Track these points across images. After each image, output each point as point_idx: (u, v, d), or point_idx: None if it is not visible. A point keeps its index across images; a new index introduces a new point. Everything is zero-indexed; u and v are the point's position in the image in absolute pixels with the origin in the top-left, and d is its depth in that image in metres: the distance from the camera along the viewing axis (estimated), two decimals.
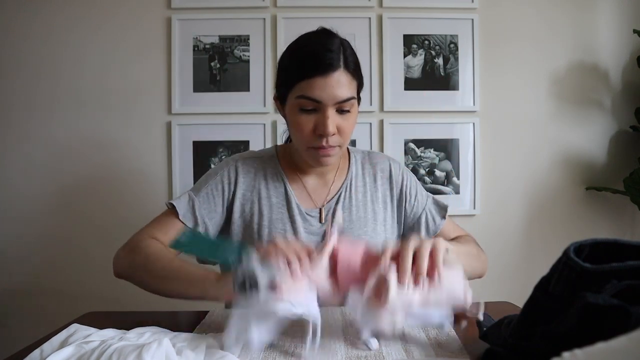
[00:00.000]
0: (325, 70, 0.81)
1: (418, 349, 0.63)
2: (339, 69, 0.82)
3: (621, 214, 1.76)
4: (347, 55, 0.84)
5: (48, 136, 1.64)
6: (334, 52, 0.83)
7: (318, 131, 0.84)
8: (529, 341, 0.50)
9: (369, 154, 1.06)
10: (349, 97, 0.84)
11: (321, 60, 0.82)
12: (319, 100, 0.82)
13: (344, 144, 0.89)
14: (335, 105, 0.84)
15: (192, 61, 1.66)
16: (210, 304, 0.90)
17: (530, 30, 1.73)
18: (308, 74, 0.82)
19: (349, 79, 0.84)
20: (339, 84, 0.82)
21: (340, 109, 0.85)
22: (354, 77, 0.86)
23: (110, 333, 0.60)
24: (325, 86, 0.82)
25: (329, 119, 0.83)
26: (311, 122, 0.85)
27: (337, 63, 0.82)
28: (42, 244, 1.65)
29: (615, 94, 1.76)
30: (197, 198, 0.93)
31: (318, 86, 0.82)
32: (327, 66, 0.82)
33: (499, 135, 1.73)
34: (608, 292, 0.42)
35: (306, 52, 0.85)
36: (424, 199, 1.03)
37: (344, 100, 0.83)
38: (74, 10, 1.64)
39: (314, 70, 0.82)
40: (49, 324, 1.02)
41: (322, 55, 0.82)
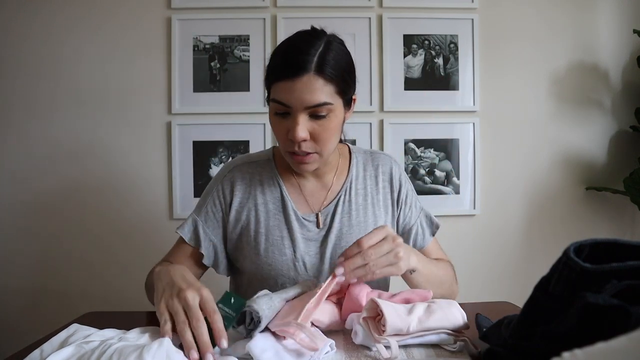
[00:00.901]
0: (292, 73, 0.77)
1: (418, 349, 0.63)
2: (308, 72, 0.77)
3: (621, 214, 1.76)
4: (324, 59, 0.79)
5: (48, 136, 1.64)
6: (307, 54, 0.78)
7: (289, 136, 0.81)
8: (529, 341, 0.50)
9: (371, 153, 1.02)
10: (322, 102, 0.78)
11: (289, 63, 0.78)
12: (288, 104, 0.79)
13: (322, 151, 0.84)
14: (306, 110, 0.79)
15: (192, 61, 1.66)
16: None
17: (530, 30, 1.73)
18: (278, 76, 0.80)
19: (321, 83, 0.78)
20: (307, 88, 0.78)
21: (314, 113, 0.80)
22: (329, 82, 0.79)
23: (110, 333, 0.60)
24: (293, 90, 0.78)
25: (299, 125, 0.79)
26: (284, 127, 0.82)
27: (308, 66, 0.77)
28: (42, 244, 1.65)
29: (615, 94, 1.76)
30: (199, 218, 0.95)
31: (286, 90, 0.78)
32: (295, 70, 0.77)
33: (499, 135, 1.73)
34: (608, 292, 0.42)
35: (280, 53, 0.82)
36: (417, 210, 1.02)
37: (315, 105, 0.78)
38: (74, 10, 1.64)
39: (282, 73, 0.79)
40: (49, 324, 1.02)
41: (291, 58, 0.79)
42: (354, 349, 0.63)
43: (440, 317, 0.63)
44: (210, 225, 0.94)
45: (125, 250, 1.65)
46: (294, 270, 0.92)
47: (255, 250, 0.93)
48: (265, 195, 0.95)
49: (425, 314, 0.63)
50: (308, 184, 0.96)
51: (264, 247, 0.93)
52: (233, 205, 0.94)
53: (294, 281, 0.92)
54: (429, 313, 0.63)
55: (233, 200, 0.94)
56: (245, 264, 0.95)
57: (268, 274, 0.93)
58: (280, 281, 0.93)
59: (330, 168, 0.96)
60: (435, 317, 0.63)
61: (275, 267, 0.92)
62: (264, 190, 0.95)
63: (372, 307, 0.64)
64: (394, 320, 0.60)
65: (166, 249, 0.98)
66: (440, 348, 0.63)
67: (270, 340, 0.60)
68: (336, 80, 0.80)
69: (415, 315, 0.62)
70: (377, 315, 0.64)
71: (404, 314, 0.62)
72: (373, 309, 0.64)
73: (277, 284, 0.93)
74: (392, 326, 0.60)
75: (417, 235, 1.00)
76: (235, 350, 0.59)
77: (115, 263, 1.65)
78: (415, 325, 0.61)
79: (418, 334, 0.62)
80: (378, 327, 0.62)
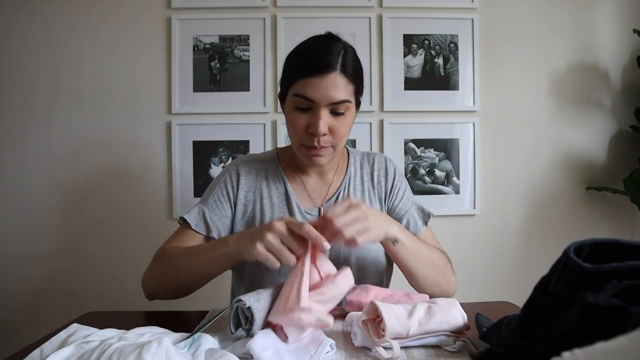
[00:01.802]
0: (321, 71, 0.84)
1: (418, 350, 0.63)
2: (334, 71, 0.84)
3: (621, 214, 1.76)
4: (346, 60, 0.86)
5: (48, 136, 1.64)
6: (332, 55, 0.85)
7: (310, 130, 0.86)
8: (529, 341, 0.50)
9: (367, 154, 1.08)
10: (343, 100, 0.86)
11: (318, 62, 0.85)
12: (313, 99, 0.85)
13: (337, 145, 0.90)
14: (329, 106, 0.86)
15: (192, 61, 1.66)
16: (210, 304, 0.90)
17: (530, 30, 1.73)
18: (305, 73, 0.85)
19: (344, 82, 0.86)
20: (333, 85, 0.84)
21: (334, 110, 0.86)
22: (350, 81, 0.87)
23: (110, 333, 0.60)
24: (320, 86, 0.84)
25: (321, 119, 0.85)
26: (305, 121, 0.87)
27: (334, 66, 0.84)
28: (42, 244, 1.65)
29: (615, 94, 1.76)
30: (206, 207, 0.96)
31: (313, 86, 0.84)
32: (324, 68, 0.84)
33: (499, 135, 1.73)
34: (608, 292, 0.42)
35: (307, 53, 0.88)
36: (409, 202, 1.05)
37: (338, 102, 0.85)
38: (74, 10, 1.64)
39: (310, 71, 0.84)
40: (49, 324, 1.02)
41: (320, 57, 0.85)
42: (354, 349, 0.63)
43: (440, 319, 0.63)
44: (217, 214, 0.96)
45: (125, 250, 1.65)
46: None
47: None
48: (270, 190, 0.99)
49: (426, 316, 0.63)
50: (311, 181, 1.01)
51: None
52: (239, 198, 0.98)
53: None
54: (429, 315, 0.63)
55: (239, 192, 0.98)
56: None
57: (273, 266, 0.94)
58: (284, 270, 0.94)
59: (332, 166, 1.02)
60: (436, 320, 0.63)
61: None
62: (269, 185, 0.99)
63: (372, 309, 0.63)
64: (394, 325, 0.60)
65: None
66: (440, 348, 0.63)
67: (271, 339, 0.60)
68: (355, 81, 0.89)
69: (416, 319, 0.62)
70: (376, 317, 0.63)
71: (404, 318, 0.62)
72: (372, 311, 0.63)
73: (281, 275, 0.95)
74: (391, 331, 0.60)
75: (409, 223, 1.02)
76: (235, 350, 0.59)
77: (115, 263, 1.65)
78: (415, 329, 0.61)
79: (417, 337, 0.62)
80: (377, 330, 0.62)
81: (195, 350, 0.56)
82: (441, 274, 0.92)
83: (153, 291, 0.90)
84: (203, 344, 0.58)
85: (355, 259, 0.96)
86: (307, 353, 0.58)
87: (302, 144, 0.89)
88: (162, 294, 0.89)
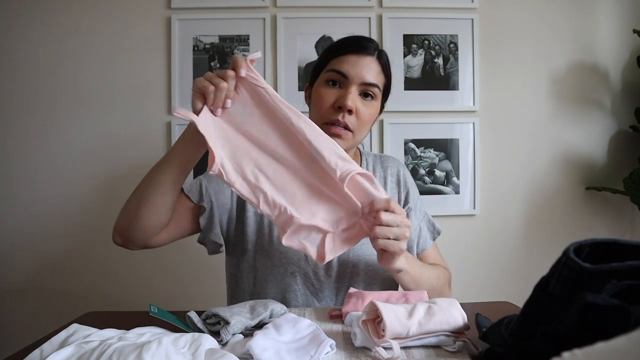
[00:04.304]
0: (359, 51, 0.91)
1: (418, 350, 0.63)
2: (371, 55, 0.91)
3: (621, 214, 1.76)
4: (381, 53, 0.95)
5: (48, 136, 1.64)
6: (372, 43, 0.94)
7: (338, 102, 0.88)
8: (528, 341, 0.50)
9: (380, 157, 1.08)
10: (374, 83, 0.90)
11: (359, 43, 0.92)
12: (347, 75, 0.89)
13: (357, 130, 0.90)
14: (360, 87, 0.90)
15: (192, 61, 1.66)
16: (210, 304, 0.90)
17: (530, 30, 1.73)
18: (344, 50, 0.91)
19: (378, 69, 0.92)
20: (368, 67, 0.90)
21: (364, 92, 0.90)
22: (382, 72, 0.93)
23: (110, 333, 0.60)
24: (356, 64, 0.89)
25: (351, 94, 0.88)
26: (334, 96, 0.89)
27: (372, 51, 0.92)
28: (42, 244, 1.64)
29: (615, 94, 1.76)
30: (205, 179, 0.96)
31: (349, 62, 0.90)
32: (363, 48, 0.91)
33: (499, 135, 1.73)
34: (608, 292, 0.42)
35: (349, 38, 0.96)
36: (421, 214, 1.05)
37: (369, 83, 0.90)
38: (74, 10, 1.64)
39: (350, 48, 0.91)
40: (49, 324, 1.02)
41: (360, 41, 0.93)
42: (354, 349, 0.63)
43: (440, 319, 0.63)
44: (214, 189, 0.95)
45: (125, 250, 1.65)
46: (304, 260, 0.95)
47: (268, 238, 0.96)
48: None
49: (426, 317, 0.63)
50: None
51: (277, 236, 0.95)
52: None
53: (304, 271, 0.95)
54: (429, 316, 0.63)
55: None
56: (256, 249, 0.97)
57: (279, 262, 0.95)
58: (290, 270, 0.95)
59: None
60: (436, 320, 0.63)
61: (287, 256, 0.95)
62: None
63: (372, 309, 0.63)
64: (394, 326, 0.60)
65: (166, 249, 0.98)
66: (440, 348, 0.63)
67: (271, 339, 0.60)
68: (385, 74, 0.95)
69: (416, 319, 0.62)
70: (376, 317, 0.63)
71: (404, 318, 0.62)
72: (373, 311, 0.63)
73: (287, 273, 0.95)
74: (391, 331, 0.60)
75: (419, 239, 1.02)
76: (235, 350, 0.59)
77: (114, 263, 1.65)
78: (415, 329, 0.61)
79: (417, 337, 0.62)
80: (377, 330, 0.62)
81: (195, 350, 0.56)
82: (437, 293, 0.93)
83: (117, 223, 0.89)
84: (203, 344, 0.58)
85: (364, 264, 0.96)
86: (307, 353, 0.58)
87: (324, 122, 0.89)
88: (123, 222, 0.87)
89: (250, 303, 0.74)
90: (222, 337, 0.63)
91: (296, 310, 0.82)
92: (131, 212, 0.84)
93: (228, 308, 0.69)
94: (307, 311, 0.82)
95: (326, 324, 0.74)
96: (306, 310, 0.82)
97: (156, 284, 1.63)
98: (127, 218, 0.85)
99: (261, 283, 0.97)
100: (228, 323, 0.64)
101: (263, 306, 0.72)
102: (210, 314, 0.67)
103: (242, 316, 0.67)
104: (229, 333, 0.64)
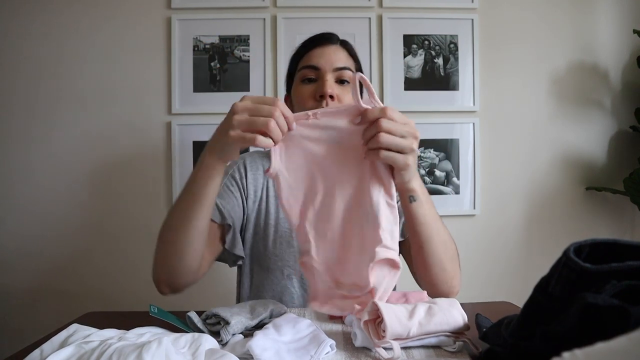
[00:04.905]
0: (323, 42, 0.95)
1: (418, 350, 0.63)
2: (335, 44, 0.96)
3: (621, 214, 1.76)
4: (344, 41, 0.99)
5: (48, 136, 1.64)
6: (332, 34, 0.98)
7: (318, 92, 0.90)
8: (528, 341, 0.50)
9: None
10: (347, 66, 0.93)
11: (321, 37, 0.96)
12: (318, 66, 0.92)
13: None
14: (333, 73, 0.92)
15: (192, 61, 1.66)
16: (210, 304, 0.90)
17: (530, 30, 1.73)
18: (308, 48, 0.95)
19: (345, 54, 0.96)
20: (336, 54, 0.94)
21: (339, 78, 0.92)
22: (351, 56, 0.97)
23: (110, 333, 0.60)
24: (323, 54, 0.93)
25: (328, 81, 0.90)
26: (312, 90, 0.92)
27: (335, 41, 0.97)
28: (42, 244, 1.64)
29: (615, 94, 1.76)
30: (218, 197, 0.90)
31: (316, 55, 0.94)
32: (325, 40, 0.95)
33: (499, 135, 1.73)
34: (608, 292, 0.42)
35: (309, 38, 0.99)
36: None
37: (341, 67, 0.92)
38: (74, 10, 1.64)
39: (313, 44, 0.96)
40: (49, 324, 1.02)
41: (321, 35, 0.97)
42: (355, 349, 0.63)
43: (440, 319, 0.63)
44: (229, 202, 0.93)
45: (125, 250, 1.65)
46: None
47: (263, 242, 0.96)
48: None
49: (427, 317, 0.63)
50: None
51: (273, 239, 0.96)
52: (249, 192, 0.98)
53: (300, 273, 0.95)
54: (429, 316, 0.63)
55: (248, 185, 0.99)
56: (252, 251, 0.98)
57: (275, 265, 0.96)
58: (287, 272, 0.96)
59: None
60: (436, 320, 0.62)
61: (282, 258, 0.95)
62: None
63: (373, 309, 0.63)
64: (394, 326, 0.60)
65: None
66: (440, 348, 0.63)
67: (271, 339, 0.60)
68: (355, 59, 0.98)
69: (417, 320, 0.62)
70: (377, 317, 0.63)
71: (405, 319, 0.62)
72: (373, 311, 0.63)
73: (283, 275, 0.95)
74: (392, 332, 0.60)
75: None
76: (235, 350, 0.59)
77: (115, 263, 1.65)
78: (415, 330, 0.61)
79: (418, 338, 0.62)
80: (378, 331, 0.62)
81: (195, 350, 0.56)
82: (450, 258, 0.82)
83: (160, 276, 0.82)
84: (203, 344, 0.58)
85: None
86: (307, 353, 0.58)
87: None
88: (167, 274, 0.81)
89: (250, 303, 0.74)
90: (222, 337, 0.63)
91: (296, 310, 0.82)
92: (173, 263, 0.79)
93: (228, 308, 0.69)
94: (307, 311, 0.82)
95: (326, 324, 0.74)
96: (306, 311, 0.82)
97: None
98: (171, 270, 0.81)
99: (257, 287, 0.97)
100: (228, 323, 0.64)
101: (263, 306, 0.72)
102: (210, 314, 0.67)
103: (242, 316, 0.67)
104: (229, 333, 0.64)
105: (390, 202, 0.68)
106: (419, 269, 0.84)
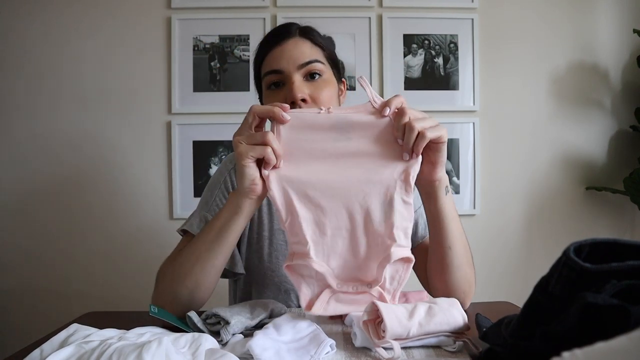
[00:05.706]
0: (279, 39, 0.83)
1: (418, 350, 0.63)
2: (293, 36, 0.83)
3: (621, 214, 1.76)
4: (304, 29, 0.85)
5: (48, 136, 1.64)
6: (288, 26, 0.85)
7: (288, 101, 0.78)
8: (528, 341, 0.50)
9: None
10: (312, 60, 0.82)
11: (276, 34, 0.85)
12: (280, 68, 0.81)
13: None
14: (299, 70, 0.81)
15: (192, 61, 1.66)
16: (210, 304, 0.90)
17: (530, 30, 1.73)
18: (265, 50, 0.84)
19: (308, 45, 0.83)
20: (296, 48, 0.82)
21: (307, 73, 0.82)
22: (315, 45, 0.84)
23: (110, 333, 0.60)
24: (283, 53, 0.82)
25: (295, 84, 0.79)
26: (281, 97, 0.81)
27: (293, 33, 0.84)
28: (42, 244, 1.65)
29: (615, 94, 1.76)
30: (209, 213, 0.87)
31: (276, 56, 0.82)
32: (281, 36, 0.83)
33: (499, 135, 1.73)
34: (608, 292, 0.42)
35: (264, 38, 0.88)
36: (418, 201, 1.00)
37: (306, 62, 0.81)
38: (74, 10, 1.64)
39: (269, 44, 0.84)
40: (49, 324, 1.02)
41: (276, 30, 0.86)
42: (355, 349, 0.63)
43: (440, 319, 0.63)
44: None
45: (125, 250, 1.65)
46: None
47: (258, 255, 0.91)
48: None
49: (427, 318, 0.63)
50: None
51: (267, 252, 0.91)
52: None
53: None
54: (430, 316, 0.63)
55: None
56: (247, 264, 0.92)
57: (271, 280, 0.91)
58: (284, 288, 0.91)
59: None
60: (436, 321, 0.62)
61: (278, 274, 0.90)
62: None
63: (373, 309, 0.63)
64: (394, 327, 0.60)
65: (166, 249, 0.98)
66: (440, 348, 0.63)
67: (271, 339, 0.60)
68: (321, 45, 0.85)
69: (417, 320, 0.62)
70: (377, 317, 0.63)
71: (405, 319, 0.61)
72: (373, 311, 0.63)
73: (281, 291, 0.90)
74: (391, 332, 0.60)
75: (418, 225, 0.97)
76: (235, 350, 0.59)
77: (115, 263, 1.65)
78: (415, 330, 0.61)
79: (418, 338, 0.62)
80: (378, 331, 0.62)
81: (195, 350, 0.56)
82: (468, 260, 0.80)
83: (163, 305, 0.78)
84: (203, 344, 0.58)
85: None
86: (307, 353, 0.58)
87: None
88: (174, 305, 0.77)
89: (250, 303, 0.74)
90: (222, 337, 0.63)
91: (296, 310, 0.82)
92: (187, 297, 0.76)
93: (228, 308, 0.69)
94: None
95: (326, 324, 0.74)
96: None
97: None
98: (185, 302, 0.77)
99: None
100: (228, 323, 0.64)
101: (263, 306, 0.72)
102: (211, 314, 0.67)
103: (242, 316, 0.67)
104: (229, 333, 0.64)
105: (407, 199, 0.68)
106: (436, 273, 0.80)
